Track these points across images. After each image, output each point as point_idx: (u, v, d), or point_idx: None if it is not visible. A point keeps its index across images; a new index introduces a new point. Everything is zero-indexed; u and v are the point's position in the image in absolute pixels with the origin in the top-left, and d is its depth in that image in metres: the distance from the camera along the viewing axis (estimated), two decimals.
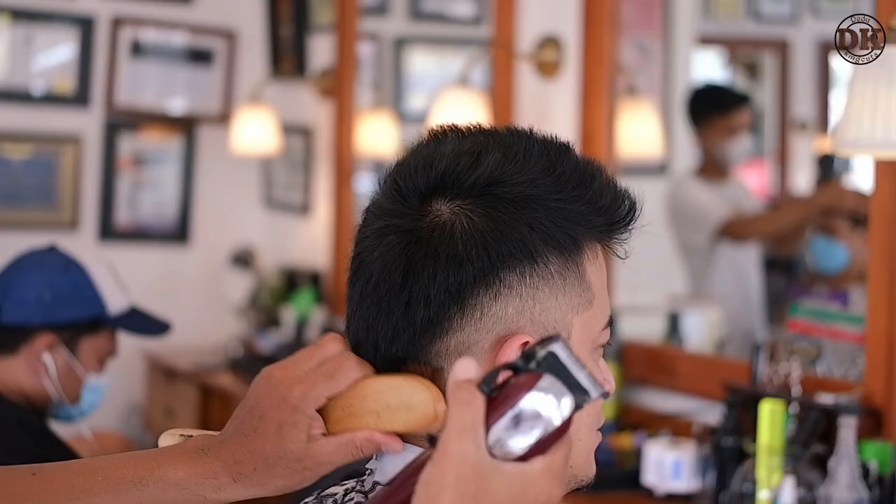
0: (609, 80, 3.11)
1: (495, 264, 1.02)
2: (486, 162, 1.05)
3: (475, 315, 1.03)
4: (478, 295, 1.02)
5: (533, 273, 1.03)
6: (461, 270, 1.02)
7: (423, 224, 1.04)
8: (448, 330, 1.03)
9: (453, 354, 1.03)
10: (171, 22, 4.76)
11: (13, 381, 2.27)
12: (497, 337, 1.03)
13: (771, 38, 4.83)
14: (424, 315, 1.03)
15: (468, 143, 1.07)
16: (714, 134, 3.84)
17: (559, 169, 1.06)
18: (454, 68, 3.60)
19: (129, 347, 3.11)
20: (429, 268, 1.02)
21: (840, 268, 3.28)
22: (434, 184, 1.05)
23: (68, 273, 2.31)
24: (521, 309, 1.03)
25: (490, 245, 1.02)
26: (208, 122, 4.85)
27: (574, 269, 1.06)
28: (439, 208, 1.04)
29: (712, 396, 2.65)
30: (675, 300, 3.52)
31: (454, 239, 1.03)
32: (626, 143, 3.30)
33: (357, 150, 4.37)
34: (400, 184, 1.06)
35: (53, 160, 4.61)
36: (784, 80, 4.75)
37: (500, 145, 1.07)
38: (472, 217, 1.03)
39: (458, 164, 1.05)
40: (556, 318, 1.05)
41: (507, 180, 1.04)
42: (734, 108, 3.93)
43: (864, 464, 2.20)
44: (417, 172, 1.06)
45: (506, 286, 1.03)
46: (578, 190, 1.06)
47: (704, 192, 3.80)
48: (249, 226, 4.94)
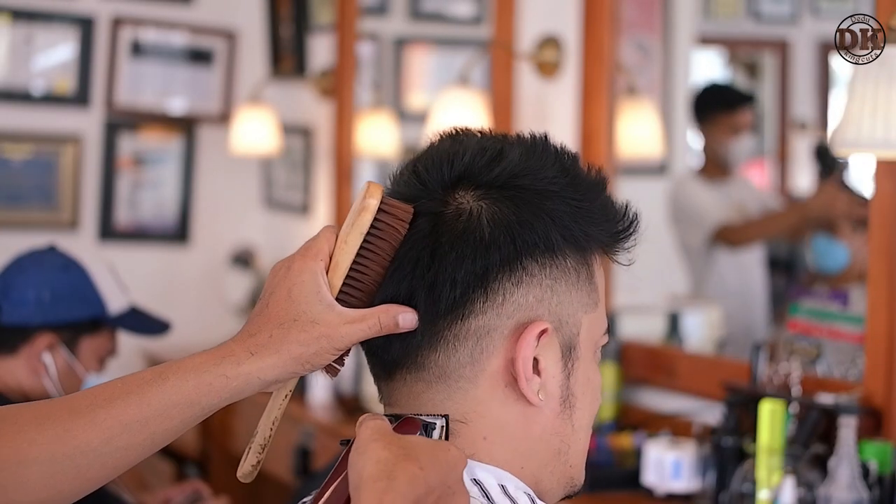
0: (609, 80, 3.11)
1: (520, 251, 1.05)
2: (510, 156, 1.07)
3: (497, 300, 1.05)
4: (501, 280, 1.05)
5: (553, 265, 1.06)
6: (488, 255, 1.04)
7: (448, 209, 1.06)
8: (471, 313, 1.05)
9: (473, 337, 1.05)
10: (171, 22, 4.76)
11: (13, 381, 2.28)
12: (517, 323, 1.05)
13: (771, 38, 4.83)
14: (450, 296, 1.04)
15: (488, 141, 1.10)
16: (718, 132, 3.85)
17: (573, 172, 1.09)
18: (454, 68, 3.60)
19: (129, 347, 3.11)
20: (456, 250, 1.04)
21: (841, 268, 3.29)
22: (458, 175, 1.07)
23: (68, 273, 2.31)
24: (541, 298, 1.06)
25: (516, 232, 1.05)
26: (208, 122, 4.85)
27: (586, 269, 1.09)
28: (463, 197, 1.07)
29: (712, 396, 2.65)
30: (675, 300, 3.52)
31: (482, 224, 1.05)
32: (626, 143, 3.30)
33: (357, 150, 4.37)
34: (422, 174, 1.08)
35: (53, 160, 4.61)
36: (784, 80, 4.75)
37: (519, 144, 1.10)
38: (497, 206, 1.06)
39: (482, 157, 1.07)
40: (570, 312, 1.08)
41: (529, 174, 1.07)
42: (739, 106, 3.94)
43: (864, 464, 2.20)
44: (441, 165, 1.08)
45: (528, 274, 1.05)
46: (592, 193, 1.09)
47: (706, 191, 3.80)
48: (249, 226, 4.94)
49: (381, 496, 0.89)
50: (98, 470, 1.05)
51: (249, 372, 1.05)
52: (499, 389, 1.06)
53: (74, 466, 1.04)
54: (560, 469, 1.10)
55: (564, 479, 1.11)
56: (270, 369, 1.05)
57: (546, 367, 1.06)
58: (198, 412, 1.06)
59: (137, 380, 1.06)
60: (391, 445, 0.93)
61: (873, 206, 2.34)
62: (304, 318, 1.05)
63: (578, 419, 1.10)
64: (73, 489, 1.05)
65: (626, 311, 3.11)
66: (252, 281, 4.66)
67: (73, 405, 1.05)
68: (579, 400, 1.09)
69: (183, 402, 1.05)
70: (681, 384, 2.88)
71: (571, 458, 1.11)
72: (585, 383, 1.10)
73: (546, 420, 1.08)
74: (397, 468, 0.91)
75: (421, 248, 1.05)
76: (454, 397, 1.06)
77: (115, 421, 1.04)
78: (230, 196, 4.95)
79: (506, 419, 1.06)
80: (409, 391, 1.08)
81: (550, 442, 1.08)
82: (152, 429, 1.05)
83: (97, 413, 1.04)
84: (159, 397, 1.04)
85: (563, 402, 1.08)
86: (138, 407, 1.04)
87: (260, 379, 1.06)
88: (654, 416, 2.89)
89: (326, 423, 3.53)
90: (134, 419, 1.04)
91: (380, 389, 1.12)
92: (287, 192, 4.87)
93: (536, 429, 1.07)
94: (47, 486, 1.03)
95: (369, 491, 0.90)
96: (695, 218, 3.72)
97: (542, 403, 1.06)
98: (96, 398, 1.05)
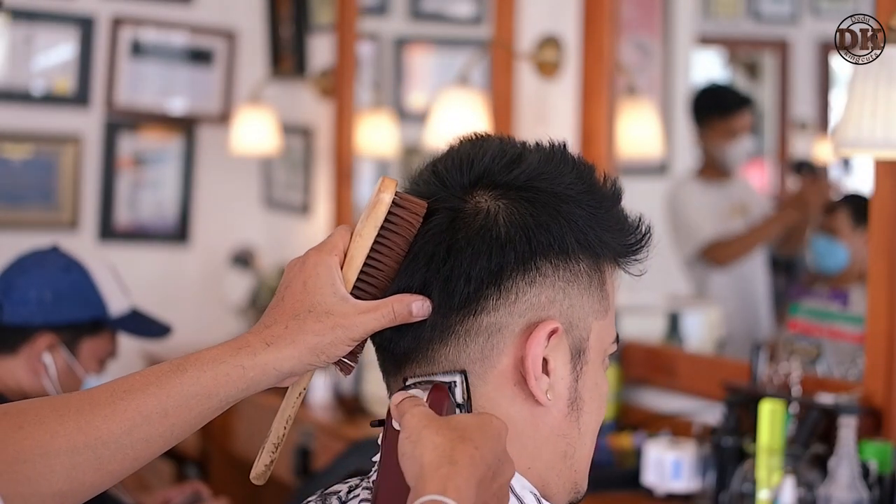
0: (609, 80, 3.11)
1: (535, 252, 1.06)
2: (529, 160, 1.09)
3: (510, 298, 1.06)
4: (515, 279, 1.06)
5: (566, 268, 1.07)
6: (503, 253, 1.06)
7: (467, 207, 1.07)
8: (483, 309, 1.06)
9: (484, 334, 1.06)
10: (171, 22, 4.76)
11: (13, 381, 2.28)
12: (528, 322, 1.06)
13: (771, 38, 4.83)
14: (464, 291, 1.05)
15: (508, 145, 1.11)
16: (714, 135, 3.84)
17: (590, 180, 1.10)
18: (454, 68, 3.60)
19: (129, 348, 3.11)
20: (473, 246, 1.06)
21: (841, 268, 3.29)
22: (477, 176, 1.09)
23: (70, 274, 2.31)
24: (553, 299, 1.07)
25: (532, 233, 1.06)
26: (208, 122, 4.85)
27: (598, 276, 1.10)
28: (482, 197, 1.08)
29: (712, 396, 2.65)
30: (675, 300, 3.52)
31: (498, 223, 1.06)
32: (626, 143, 3.30)
33: (357, 150, 4.37)
34: (442, 175, 1.10)
35: (53, 160, 4.61)
36: (784, 80, 4.75)
37: (538, 150, 1.11)
38: (514, 206, 1.07)
39: (501, 160, 1.09)
40: (580, 316, 1.09)
41: (547, 178, 1.08)
42: (735, 110, 3.92)
43: (864, 464, 2.20)
44: (460, 166, 1.09)
45: (541, 275, 1.06)
46: (608, 203, 1.10)
47: (704, 194, 3.79)
48: (249, 226, 4.94)
49: (446, 483, 0.91)
50: (119, 462, 1.06)
51: (266, 362, 1.06)
52: (508, 387, 1.07)
53: (96, 458, 1.05)
54: (566, 473, 1.10)
55: (569, 484, 1.11)
56: (287, 360, 1.06)
57: (555, 367, 1.07)
58: (216, 404, 1.07)
59: (156, 372, 1.07)
60: (443, 429, 0.95)
61: (873, 206, 2.35)
62: (319, 308, 1.06)
63: (585, 423, 1.10)
64: (94, 482, 1.06)
65: (626, 311, 3.11)
66: (252, 281, 4.66)
67: (93, 397, 1.06)
68: (587, 404, 1.10)
69: (202, 392, 1.06)
70: (681, 384, 2.89)
71: (577, 463, 1.11)
72: (593, 388, 1.10)
73: (553, 421, 1.08)
74: (456, 452, 0.93)
75: (437, 243, 1.07)
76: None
77: (135, 412, 1.05)
78: (230, 196, 4.95)
79: (514, 417, 1.06)
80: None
81: (557, 444, 1.09)
82: (172, 420, 1.06)
83: (117, 404, 1.05)
84: (178, 388, 1.05)
85: (571, 404, 1.09)
86: (157, 398, 1.05)
87: (276, 370, 1.06)
88: (654, 416, 2.89)
89: (326, 423, 3.53)
90: (154, 410, 1.05)
91: (388, 386, 1.12)
92: (287, 192, 4.87)
93: (544, 429, 1.08)
94: (69, 478, 1.04)
95: (433, 479, 0.91)
96: (689, 231, 3.71)
97: (550, 403, 1.07)
98: (116, 390, 1.06)
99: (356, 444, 2.70)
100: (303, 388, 1.13)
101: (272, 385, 1.08)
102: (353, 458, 2.54)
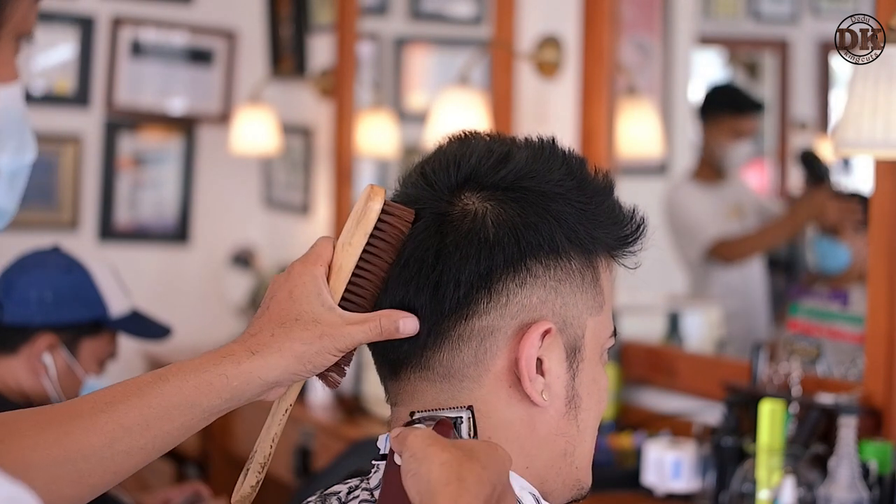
0: (609, 80, 3.11)
1: (524, 252, 1.05)
2: (516, 159, 1.08)
3: (501, 300, 1.05)
4: (505, 281, 1.05)
5: (557, 266, 1.06)
6: (492, 255, 1.05)
7: (454, 210, 1.07)
8: (475, 313, 1.05)
9: (477, 337, 1.05)
10: (171, 22, 4.76)
11: (13, 381, 2.28)
12: (521, 324, 1.06)
13: (771, 38, 4.83)
14: (454, 296, 1.05)
15: (496, 144, 1.10)
16: (720, 133, 3.84)
17: (580, 175, 1.09)
18: (454, 68, 3.60)
19: (129, 348, 3.11)
20: (461, 250, 1.05)
21: (843, 268, 3.29)
22: (465, 177, 1.08)
23: (71, 274, 2.31)
24: (545, 299, 1.06)
25: (520, 233, 1.05)
26: (208, 122, 4.85)
27: (591, 272, 1.09)
28: (469, 199, 1.07)
29: (712, 396, 2.65)
30: (675, 300, 3.52)
31: (486, 225, 1.05)
32: (626, 143, 3.30)
33: (357, 150, 4.37)
34: (429, 176, 1.09)
35: (53, 160, 4.61)
36: (784, 80, 4.75)
37: (527, 147, 1.10)
38: (502, 207, 1.06)
39: (489, 160, 1.08)
40: (574, 314, 1.08)
41: (535, 177, 1.07)
42: (747, 111, 3.93)
43: (864, 464, 2.20)
44: (447, 167, 1.08)
45: (532, 275, 1.06)
46: (599, 197, 1.09)
47: (700, 197, 3.79)
48: (249, 226, 4.94)
49: (456, 499, 0.90)
50: (100, 475, 1.04)
51: (250, 371, 1.05)
52: (503, 389, 1.06)
53: (76, 471, 1.03)
54: (566, 471, 1.10)
55: (571, 481, 1.11)
56: (272, 369, 1.05)
57: (550, 367, 1.07)
58: (199, 414, 1.05)
59: (139, 383, 1.06)
60: (448, 448, 0.94)
61: (873, 206, 2.35)
62: (306, 316, 1.05)
63: (584, 420, 1.10)
64: (74, 495, 1.05)
65: (626, 311, 3.11)
66: (252, 281, 4.66)
67: (74, 410, 1.05)
68: (585, 401, 1.09)
69: (184, 402, 1.04)
70: (681, 384, 2.89)
71: (577, 460, 1.11)
72: (591, 384, 1.10)
73: (551, 420, 1.08)
74: (463, 469, 0.92)
75: (426, 249, 1.06)
76: (459, 397, 1.06)
77: (116, 424, 1.04)
78: (230, 196, 4.95)
79: (510, 419, 1.06)
80: (414, 390, 1.08)
81: (556, 443, 1.09)
82: (153, 432, 1.04)
83: (98, 417, 1.04)
84: (160, 399, 1.04)
85: (569, 402, 1.08)
86: (139, 409, 1.04)
87: (261, 378, 1.05)
88: (654, 416, 2.89)
89: (326, 423, 3.53)
90: (135, 422, 1.04)
91: (386, 389, 1.12)
92: (287, 192, 4.87)
93: (542, 429, 1.08)
94: (48, 492, 1.02)
95: (443, 496, 0.90)
96: (691, 231, 3.71)
97: (546, 404, 1.07)
98: (97, 402, 1.05)
99: (356, 445, 2.70)
100: (289, 404, 1.11)
101: (257, 396, 1.07)
102: (353, 458, 2.54)
